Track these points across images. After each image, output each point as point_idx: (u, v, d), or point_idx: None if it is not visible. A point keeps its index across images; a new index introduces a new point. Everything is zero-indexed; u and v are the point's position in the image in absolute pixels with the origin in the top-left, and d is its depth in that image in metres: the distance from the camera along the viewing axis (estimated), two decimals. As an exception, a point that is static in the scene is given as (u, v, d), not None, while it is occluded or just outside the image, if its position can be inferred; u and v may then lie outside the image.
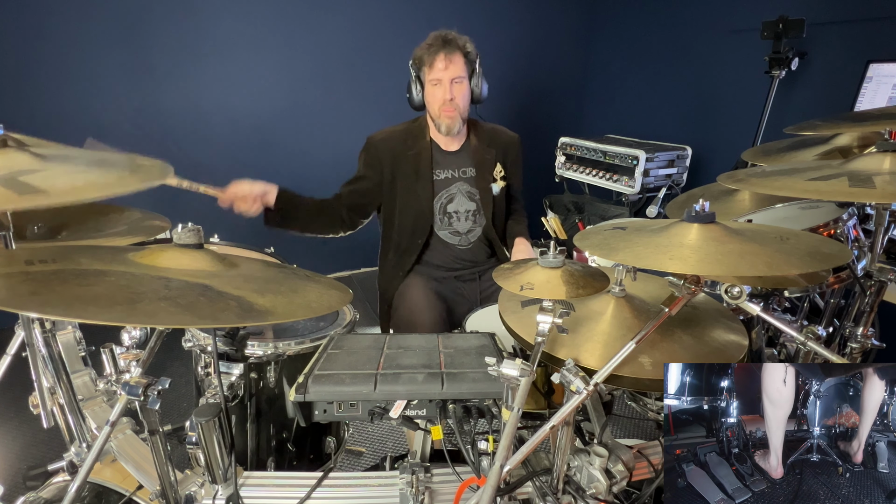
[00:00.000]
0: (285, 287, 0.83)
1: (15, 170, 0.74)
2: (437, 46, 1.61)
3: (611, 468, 0.80)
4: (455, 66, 1.62)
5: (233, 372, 1.10)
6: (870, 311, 1.13)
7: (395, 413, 0.91)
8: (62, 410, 1.06)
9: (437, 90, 1.64)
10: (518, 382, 0.74)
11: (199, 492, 0.90)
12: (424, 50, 1.64)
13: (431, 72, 1.63)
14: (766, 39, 2.47)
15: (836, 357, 0.78)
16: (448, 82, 1.62)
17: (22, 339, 0.99)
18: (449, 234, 1.79)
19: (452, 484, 0.90)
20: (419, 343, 1.07)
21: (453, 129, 1.69)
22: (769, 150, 1.37)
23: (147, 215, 1.12)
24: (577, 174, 3.30)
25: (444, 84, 1.63)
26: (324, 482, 0.91)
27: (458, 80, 1.64)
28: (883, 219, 1.09)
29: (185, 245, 0.81)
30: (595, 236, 0.93)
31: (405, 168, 1.73)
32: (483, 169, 1.77)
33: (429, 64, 1.63)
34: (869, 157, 0.94)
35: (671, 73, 3.32)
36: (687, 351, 0.86)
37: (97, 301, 0.63)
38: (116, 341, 1.09)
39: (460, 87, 1.65)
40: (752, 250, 0.76)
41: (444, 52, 1.61)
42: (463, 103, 1.67)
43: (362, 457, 1.96)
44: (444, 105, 1.64)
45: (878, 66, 2.17)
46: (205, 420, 0.83)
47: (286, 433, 1.19)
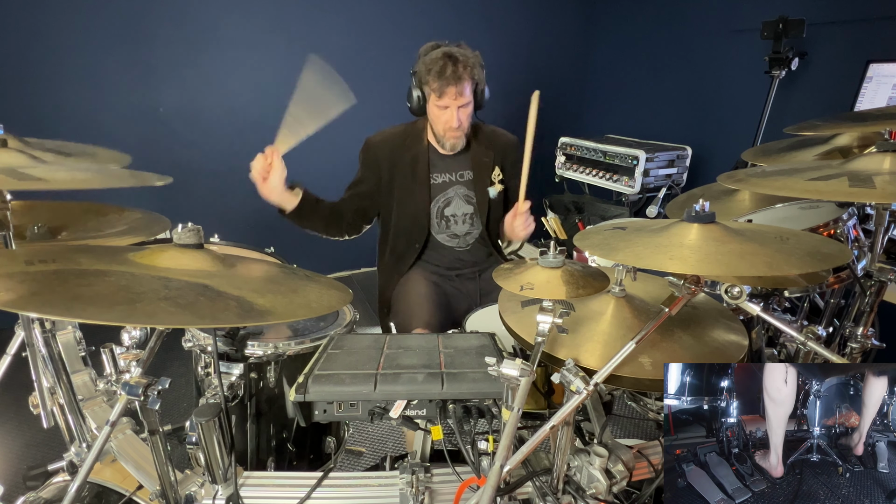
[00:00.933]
0: (285, 287, 0.83)
1: (15, 165, 0.75)
2: (448, 79, 1.52)
3: (611, 468, 0.80)
4: (464, 95, 1.57)
5: (233, 372, 1.10)
6: (870, 311, 1.13)
7: (395, 413, 0.91)
8: (62, 410, 1.06)
9: (443, 114, 1.61)
10: (518, 382, 0.74)
11: (199, 492, 0.90)
12: (433, 76, 1.54)
13: (439, 100, 1.58)
14: (766, 39, 2.47)
15: (836, 357, 0.78)
16: (455, 109, 1.59)
17: (22, 339, 1.00)
18: (447, 237, 1.79)
19: (452, 484, 0.90)
20: (419, 343, 1.07)
21: (457, 147, 1.70)
22: (769, 150, 1.37)
23: (147, 215, 1.12)
24: (577, 174, 3.30)
25: (451, 111, 1.59)
26: (324, 482, 0.91)
27: (465, 106, 1.60)
28: (883, 219, 1.09)
29: (185, 245, 0.81)
30: (595, 236, 0.93)
31: (402, 170, 1.72)
32: (481, 172, 1.76)
33: (436, 92, 1.56)
34: (869, 157, 0.94)
35: (671, 73, 3.32)
36: (687, 351, 0.86)
37: (97, 301, 0.63)
38: (116, 341, 1.09)
39: (466, 110, 1.62)
40: (752, 250, 0.76)
41: (455, 86, 1.54)
42: (467, 124, 1.66)
43: (362, 457, 1.96)
44: (450, 130, 1.63)
45: (878, 66, 2.17)
46: (205, 420, 0.83)
47: (286, 433, 1.19)
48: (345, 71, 1.28)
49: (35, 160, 0.82)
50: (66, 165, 0.84)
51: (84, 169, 0.85)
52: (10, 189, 0.81)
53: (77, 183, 0.75)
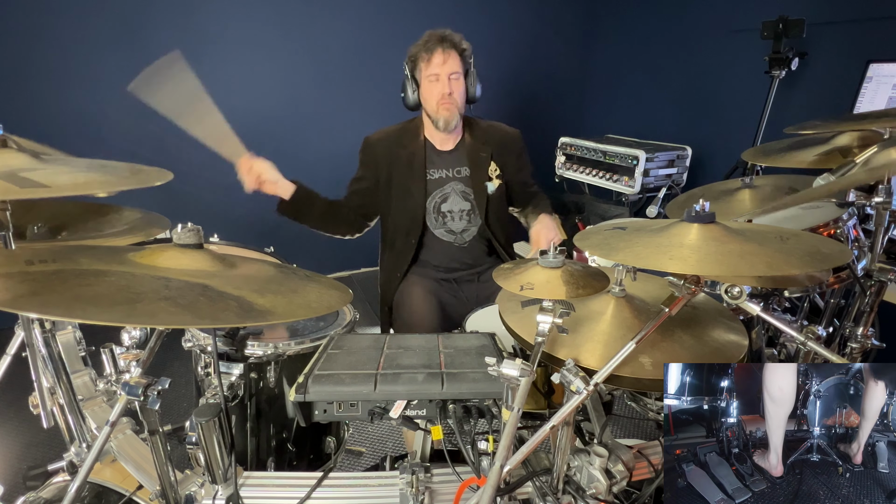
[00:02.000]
0: (285, 287, 0.83)
1: (15, 167, 0.74)
2: (434, 42, 1.62)
3: (611, 468, 0.80)
4: (452, 62, 1.63)
5: (233, 372, 1.10)
6: (870, 311, 1.13)
7: (395, 413, 0.91)
8: (62, 410, 1.06)
9: (434, 86, 1.65)
10: (518, 382, 0.74)
11: (199, 492, 0.90)
12: (420, 47, 1.64)
13: (429, 67, 1.63)
14: (766, 39, 2.46)
15: (836, 357, 0.78)
16: (446, 77, 1.63)
17: (22, 339, 0.99)
18: (444, 232, 1.79)
19: (452, 484, 0.90)
20: (419, 343, 1.07)
21: (451, 122, 1.68)
22: (769, 150, 1.37)
23: (147, 215, 1.12)
24: (577, 174, 3.30)
25: (441, 79, 1.64)
26: (324, 482, 0.91)
27: (455, 77, 1.65)
28: (883, 219, 1.09)
29: (185, 245, 0.81)
30: (595, 236, 0.93)
31: (400, 167, 1.73)
32: (478, 168, 1.76)
33: (426, 60, 1.63)
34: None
35: (671, 73, 3.32)
36: (687, 351, 0.86)
37: (97, 301, 0.63)
38: (116, 341, 1.09)
39: (457, 82, 1.66)
40: (752, 250, 0.76)
41: (442, 48, 1.62)
42: (460, 99, 1.68)
43: (362, 457, 1.96)
44: (443, 99, 1.65)
45: (878, 66, 2.17)
46: (205, 420, 0.82)
47: (286, 433, 1.19)
48: (343, 72, 1.28)
49: (35, 161, 0.82)
50: (67, 166, 0.84)
51: (85, 169, 0.85)
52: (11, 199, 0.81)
53: (79, 188, 0.75)
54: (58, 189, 0.71)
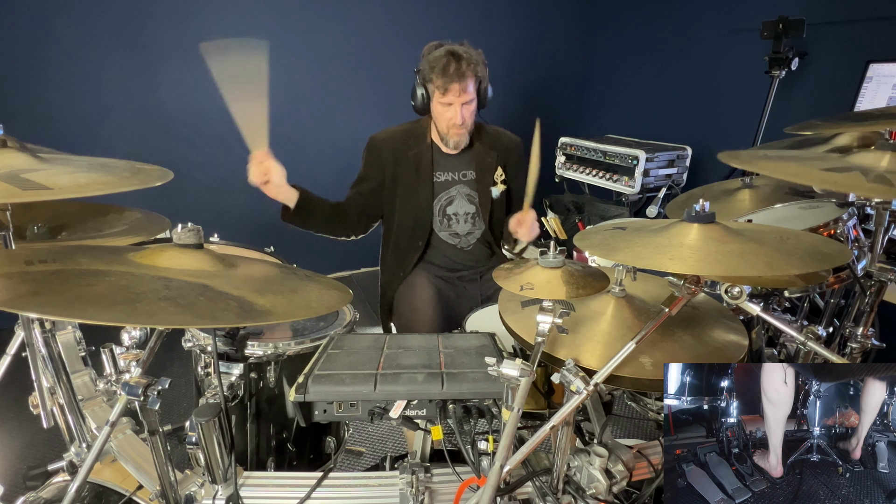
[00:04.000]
0: (285, 287, 0.83)
1: (16, 168, 0.74)
2: (451, 76, 1.55)
3: (611, 468, 0.80)
4: (467, 93, 1.59)
5: (233, 372, 1.10)
6: (870, 311, 1.13)
7: (395, 413, 0.91)
8: (62, 410, 1.06)
9: (447, 111, 1.62)
10: (518, 382, 0.74)
11: (199, 492, 0.90)
12: (437, 73, 1.56)
13: (443, 97, 1.60)
14: (766, 39, 2.46)
15: (836, 357, 0.78)
16: (458, 106, 1.61)
17: (22, 339, 0.99)
18: (448, 234, 1.79)
19: (452, 484, 0.90)
20: (419, 343, 1.07)
21: (461, 145, 1.71)
22: (769, 149, 1.37)
23: (147, 215, 1.12)
24: (577, 174, 3.30)
25: (454, 108, 1.61)
26: (324, 482, 0.91)
27: (469, 102, 1.62)
28: (883, 219, 1.09)
29: (185, 245, 0.81)
30: (595, 236, 0.93)
31: (406, 168, 1.72)
32: (484, 172, 1.77)
33: (440, 88, 1.58)
34: (865, 153, 0.93)
35: (671, 73, 3.32)
36: (687, 351, 0.86)
37: (97, 301, 0.63)
38: (116, 341, 1.09)
39: (469, 108, 1.63)
40: (752, 250, 0.76)
41: (459, 82, 1.56)
42: (471, 121, 1.68)
43: (362, 457, 1.96)
44: (454, 126, 1.64)
45: (878, 66, 2.17)
46: (205, 420, 0.83)
47: (286, 433, 1.19)
48: (346, 70, 1.28)
49: (36, 161, 0.82)
50: (67, 166, 0.84)
51: (85, 169, 0.85)
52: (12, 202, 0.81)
53: (80, 189, 0.75)
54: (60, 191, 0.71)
